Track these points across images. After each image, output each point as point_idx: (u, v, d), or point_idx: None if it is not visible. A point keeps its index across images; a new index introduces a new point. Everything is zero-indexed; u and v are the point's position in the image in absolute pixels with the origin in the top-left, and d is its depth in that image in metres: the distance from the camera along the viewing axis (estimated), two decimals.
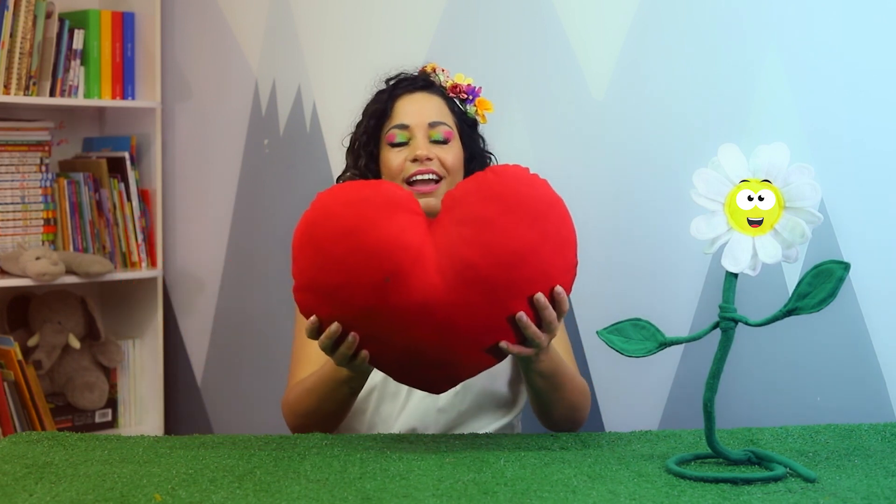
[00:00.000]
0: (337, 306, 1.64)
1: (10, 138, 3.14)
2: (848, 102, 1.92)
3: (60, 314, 3.18)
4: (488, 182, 1.67)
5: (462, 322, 1.62)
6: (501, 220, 1.62)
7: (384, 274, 1.60)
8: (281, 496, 1.42)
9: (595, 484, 1.47)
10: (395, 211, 1.64)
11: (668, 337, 1.59)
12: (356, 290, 1.61)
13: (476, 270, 1.60)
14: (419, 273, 1.61)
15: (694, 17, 2.13)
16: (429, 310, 1.61)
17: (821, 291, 1.51)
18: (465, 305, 1.61)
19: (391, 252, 1.61)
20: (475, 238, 1.61)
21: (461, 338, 1.64)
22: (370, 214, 1.63)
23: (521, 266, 1.62)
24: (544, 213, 1.66)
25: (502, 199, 1.64)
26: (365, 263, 1.60)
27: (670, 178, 2.15)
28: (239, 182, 3.12)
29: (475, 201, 1.65)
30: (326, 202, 1.68)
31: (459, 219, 1.64)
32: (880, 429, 1.76)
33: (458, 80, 2.09)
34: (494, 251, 1.61)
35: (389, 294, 1.60)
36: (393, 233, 1.62)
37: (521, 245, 1.62)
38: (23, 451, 1.66)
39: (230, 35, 3.14)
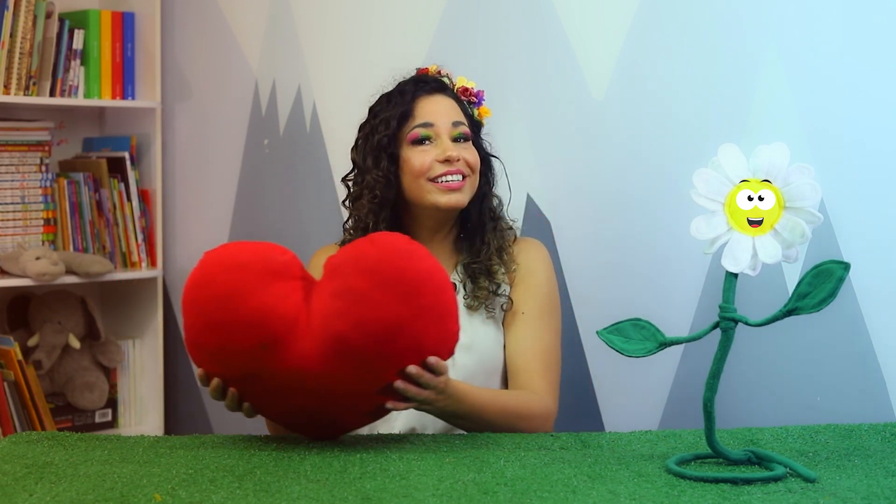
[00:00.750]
0: (219, 365, 1.69)
1: (10, 138, 3.14)
2: (848, 102, 1.92)
3: (60, 314, 3.18)
4: (365, 253, 1.68)
5: (336, 390, 1.66)
6: (374, 295, 1.63)
7: (260, 341, 1.63)
8: (281, 496, 1.42)
9: (595, 484, 1.47)
10: (273, 278, 1.66)
11: (668, 337, 1.59)
12: (234, 355, 1.66)
13: (348, 344, 1.62)
14: (294, 342, 1.63)
15: (694, 17, 2.13)
16: (303, 378, 1.64)
17: (821, 291, 1.51)
18: (338, 375, 1.64)
19: (266, 321, 1.63)
20: (348, 312, 1.63)
21: (337, 404, 1.69)
22: (248, 282, 1.65)
23: (392, 340, 1.64)
24: (419, 287, 1.65)
25: (376, 272, 1.64)
26: (241, 331, 1.63)
27: (670, 178, 2.15)
28: (239, 182, 3.12)
29: (350, 272, 1.66)
30: (208, 266, 1.70)
31: (335, 290, 1.65)
32: (880, 429, 1.76)
33: (463, 83, 2.11)
34: (366, 326, 1.62)
35: (266, 360, 1.64)
36: (269, 301, 1.64)
37: (393, 320, 1.63)
38: (23, 451, 1.66)
39: (230, 35, 3.14)
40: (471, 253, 2.06)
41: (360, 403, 1.71)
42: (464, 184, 2.02)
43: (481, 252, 2.05)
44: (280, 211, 3.00)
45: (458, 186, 2.01)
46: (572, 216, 2.34)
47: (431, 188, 2.01)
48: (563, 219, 2.35)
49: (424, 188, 2.01)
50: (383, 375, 1.67)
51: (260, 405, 1.72)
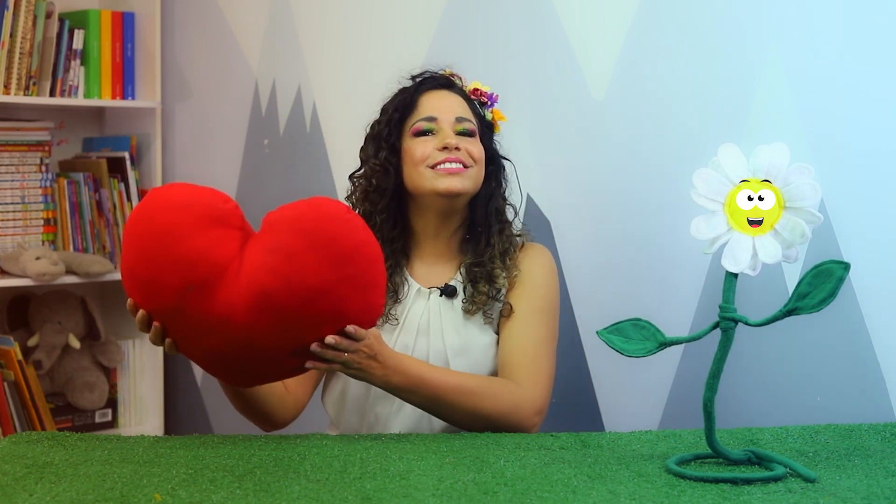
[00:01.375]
0: (146, 298, 1.71)
1: (10, 138, 3.14)
2: (848, 102, 1.92)
3: (60, 314, 3.18)
4: (302, 215, 1.70)
5: (256, 342, 1.68)
6: (305, 256, 1.65)
7: (188, 283, 1.65)
8: (281, 496, 1.42)
9: (595, 484, 1.47)
10: (211, 224, 1.67)
11: (668, 337, 1.59)
12: (162, 290, 1.68)
13: (272, 299, 1.64)
14: (221, 289, 1.65)
15: (694, 17, 2.13)
16: (226, 325, 1.66)
17: (821, 291, 1.51)
18: (260, 328, 1.66)
19: (197, 264, 1.65)
20: (277, 268, 1.65)
21: (256, 354, 1.71)
22: (187, 221, 1.67)
23: (316, 302, 1.66)
24: (349, 255, 1.68)
25: (311, 235, 1.67)
26: (171, 268, 1.66)
27: (670, 178, 2.15)
28: (239, 182, 3.12)
29: (285, 231, 1.68)
30: (151, 201, 1.72)
31: (269, 246, 1.67)
32: (880, 429, 1.76)
33: (477, 86, 2.12)
34: (292, 285, 1.64)
35: (191, 302, 1.66)
36: (203, 246, 1.66)
37: (319, 282, 1.65)
38: (23, 451, 1.66)
39: (230, 35, 3.14)
40: (475, 254, 2.06)
41: (276, 359, 1.73)
42: (464, 171, 2.01)
43: (485, 253, 2.05)
44: None
45: (456, 171, 2.00)
46: (572, 216, 2.34)
47: (430, 174, 2.00)
48: (563, 219, 2.35)
49: (424, 175, 2.01)
50: (302, 336, 1.70)
51: (181, 344, 1.74)
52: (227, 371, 1.79)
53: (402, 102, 2.07)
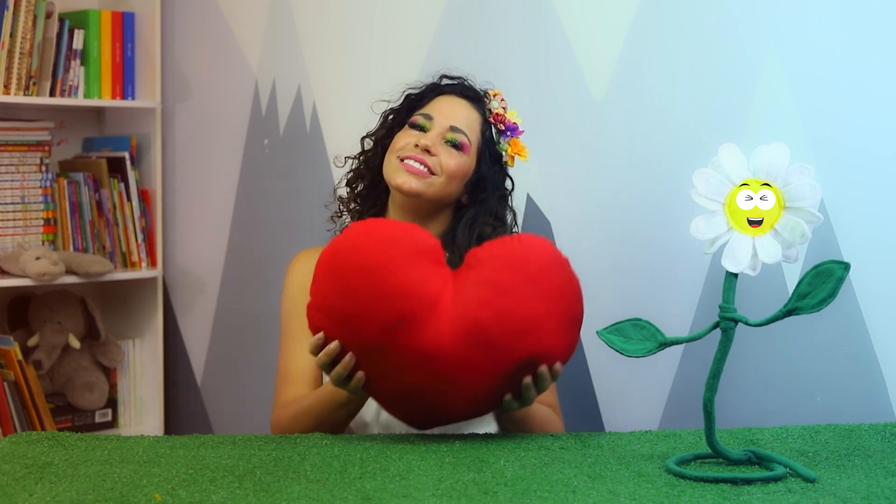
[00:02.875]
0: (345, 333, 1.70)
1: (10, 138, 3.14)
2: (848, 103, 1.92)
3: (60, 314, 3.18)
4: (513, 250, 1.73)
5: (460, 375, 1.68)
6: (519, 290, 1.68)
7: (398, 316, 1.65)
8: (281, 496, 1.42)
9: (595, 484, 1.47)
10: (420, 258, 1.69)
11: (668, 337, 1.59)
12: (367, 325, 1.67)
13: (485, 332, 1.66)
14: (431, 322, 1.66)
15: (694, 17, 2.13)
16: (432, 358, 1.66)
17: (821, 291, 1.51)
18: (467, 361, 1.67)
19: (409, 296, 1.66)
20: (491, 301, 1.67)
21: (456, 389, 1.71)
22: (397, 256, 1.68)
23: (528, 335, 1.68)
24: (560, 291, 1.72)
25: (524, 269, 1.70)
26: (382, 302, 1.66)
27: (670, 178, 2.14)
28: (239, 182, 3.12)
29: (498, 266, 1.71)
30: (358, 234, 1.73)
31: (479, 280, 1.69)
32: (880, 429, 1.76)
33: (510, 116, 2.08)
34: (507, 317, 1.67)
35: (398, 336, 1.66)
36: (415, 279, 1.67)
37: (533, 316, 1.68)
38: (23, 451, 1.66)
39: (230, 35, 3.14)
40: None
41: (475, 392, 1.73)
42: (426, 176, 1.98)
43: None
44: (280, 211, 3.00)
45: (416, 171, 1.98)
46: (572, 216, 2.34)
47: (395, 165, 2.00)
48: (563, 219, 2.35)
49: (391, 164, 2.01)
50: (508, 368, 1.70)
51: (373, 380, 1.72)
52: (414, 409, 1.77)
53: (420, 94, 2.07)
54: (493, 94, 2.10)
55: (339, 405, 1.86)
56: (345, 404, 1.85)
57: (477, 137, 2.05)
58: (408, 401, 1.75)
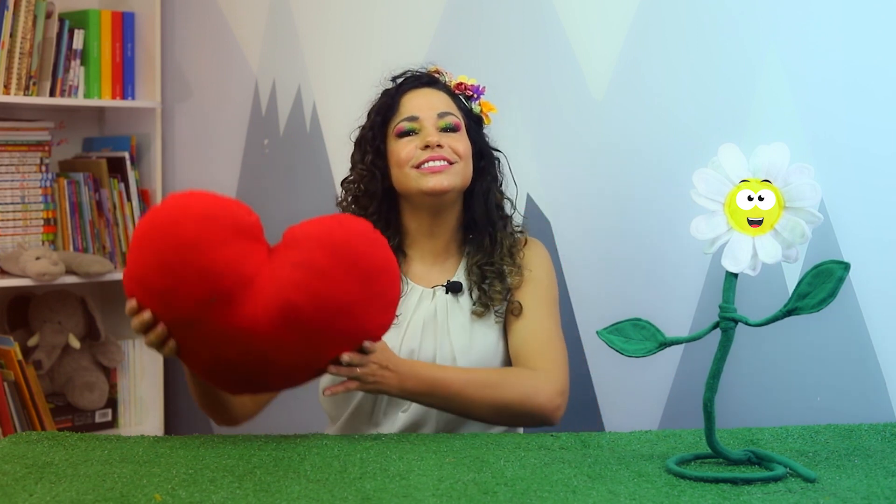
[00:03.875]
0: (160, 306, 1.67)
1: (10, 138, 3.14)
2: (848, 103, 1.92)
3: (60, 314, 3.18)
4: (332, 232, 1.70)
5: (275, 356, 1.68)
6: (334, 273, 1.66)
7: (212, 294, 1.63)
8: (281, 496, 1.42)
9: (595, 484, 1.47)
10: (237, 236, 1.66)
11: (668, 337, 1.59)
12: (181, 301, 1.65)
13: (299, 314, 1.64)
14: (245, 302, 1.64)
15: (694, 17, 2.13)
16: (246, 337, 1.65)
17: (821, 291, 1.51)
18: (281, 343, 1.66)
19: (224, 275, 1.64)
20: (306, 284, 1.65)
21: (270, 367, 1.70)
22: (213, 233, 1.65)
23: (341, 318, 1.68)
24: (376, 275, 1.70)
25: (340, 252, 1.67)
26: (196, 279, 1.63)
27: (670, 178, 2.15)
28: (239, 182, 3.12)
29: (315, 248, 1.68)
30: (174, 209, 1.69)
31: (296, 261, 1.67)
32: (880, 429, 1.76)
33: (462, 80, 2.10)
34: (321, 300, 1.65)
35: (211, 313, 1.64)
36: (230, 257, 1.64)
37: (347, 300, 1.67)
38: (23, 451, 1.66)
39: (230, 35, 3.14)
40: (482, 253, 2.05)
41: (293, 373, 1.74)
42: (448, 168, 1.99)
43: (494, 253, 2.04)
44: (280, 211, 3.00)
45: (440, 169, 1.98)
46: (572, 216, 2.34)
47: (416, 175, 1.99)
48: (563, 219, 2.35)
49: (409, 176, 2.00)
50: (321, 351, 1.71)
51: (188, 352, 1.72)
52: (231, 380, 1.77)
53: (385, 105, 2.06)
54: (434, 71, 2.11)
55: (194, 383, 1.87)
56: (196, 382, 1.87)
57: (459, 113, 2.06)
58: (223, 372, 1.74)
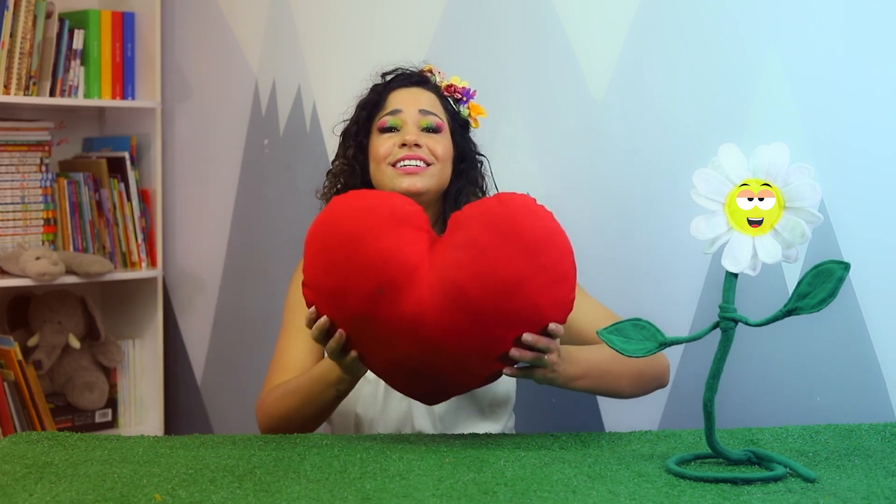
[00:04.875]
0: (333, 307, 1.68)
1: (10, 138, 3.14)
2: (848, 103, 1.92)
3: (60, 314, 3.18)
4: (490, 209, 1.69)
5: (448, 343, 1.65)
6: (495, 249, 1.64)
7: (378, 284, 1.63)
8: (281, 496, 1.42)
9: (595, 484, 1.47)
10: (398, 225, 1.67)
11: (668, 337, 1.59)
12: (351, 296, 1.65)
13: (465, 295, 1.63)
14: (412, 289, 1.64)
15: (694, 18, 2.13)
16: (417, 326, 1.64)
17: (821, 291, 1.51)
18: (453, 327, 1.64)
19: (387, 264, 1.64)
20: (469, 264, 1.64)
21: (446, 357, 1.67)
22: (374, 224, 1.66)
23: (510, 296, 1.63)
24: (542, 246, 1.66)
25: (500, 227, 1.65)
26: (361, 271, 1.64)
27: (670, 178, 2.15)
28: (239, 182, 3.12)
29: (475, 227, 1.67)
30: (335, 208, 1.71)
31: (458, 242, 1.66)
32: (880, 429, 1.76)
33: (454, 82, 2.10)
34: (484, 279, 1.63)
35: (380, 305, 1.64)
36: (392, 246, 1.65)
37: (511, 275, 1.63)
38: (23, 451, 1.66)
39: (230, 35, 3.14)
40: None
41: (472, 363, 1.69)
42: (424, 170, 1.98)
43: None
44: (280, 211, 3.00)
45: (415, 171, 1.97)
46: (572, 216, 2.33)
47: (392, 173, 1.98)
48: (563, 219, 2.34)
49: (385, 173, 1.99)
50: (497, 332, 1.65)
51: (367, 354, 1.70)
52: (415, 380, 1.73)
53: (371, 100, 2.06)
54: (427, 70, 2.11)
55: (330, 384, 1.83)
56: (335, 383, 1.82)
57: (444, 115, 2.05)
58: (401, 372, 1.72)
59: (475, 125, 2.11)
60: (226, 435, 1.81)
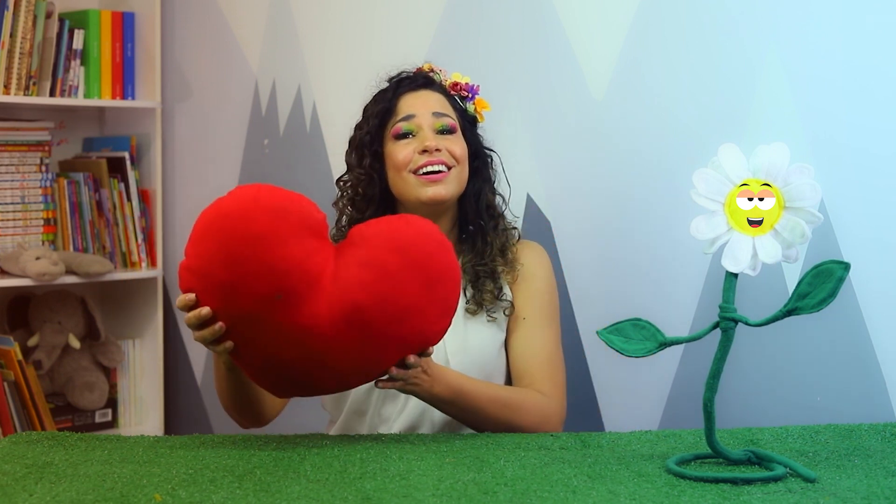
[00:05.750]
0: (220, 299, 1.63)
1: (10, 138, 3.14)
2: (848, 102, 1.92)
3: (60, 314, 3.18)
4: (399, 231, 1.69)
5: (334, 356, 1.66)
6: (402, 274, 1.65)
7: (278, 290, 1.61)
8: (281, 496, 1.42)
9: (595, 484, 1.47)
10: (306, 233, 1.64)
11: (668, 337, 1.59)
12: (245, 295, 1.62)
13: (363, 316, 1.63)
14: (310, 301, 1.62)
15: (694, 18, 2.13)
16: (306, 337, 1.63)
17: (821, 291, 1.51)
18: (342, 343, 1.64)
19: (291, 272, 1.61)
20: (371, 285, 1.64)
21: (328, 368, 1.68)
22: (283, 228, 1.62)
23: (404, 322, 1.66)
24: (440, 278, 1.69)
25: (408, 253, 1.66)
26: (263, 274, 1.61)
27: (670, 178, 2.15)
28: (239, 182, 3.12)
29: (382, 247, 1.66)
30: (244, 201, 1.64)
31: (362, 260, 1.65)
32: (880, 429, 1.76)
33: (457, 79, 2.10)
34: (385, 303, 1.64)
35: (274, 310, 1.62)
36: (299, 254, 1.62)
37: (411, 303, 1.65)
38: (23, 451, 1.66)
39: (230, 35, 3.14)
40: (474, 253, 2.05)
41: (350, 376, 1.72)
42: (447, 175, 1.99)
43: (485, 253, 2.04)
44: None
45: (439, 178, 1.98)
46: (572, 216, 2.34)
47: (414, 181, 1.99)
48: (563, 219, 2.35)
49: (408, 182, 2.00)
50: (381, 354, 1.69)
51: (243, 350, 1.67)
52: (281, 382, 1.73)
53: (381, 108, 2.05)
54: (426, 69, 2.11)
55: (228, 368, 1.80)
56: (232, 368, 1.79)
57: (454, 114, 2.06)
58: (274, 372, 1.70)
59: (481, 119, 2.12)
60: (226, 435, 1.81)
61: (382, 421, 2.00)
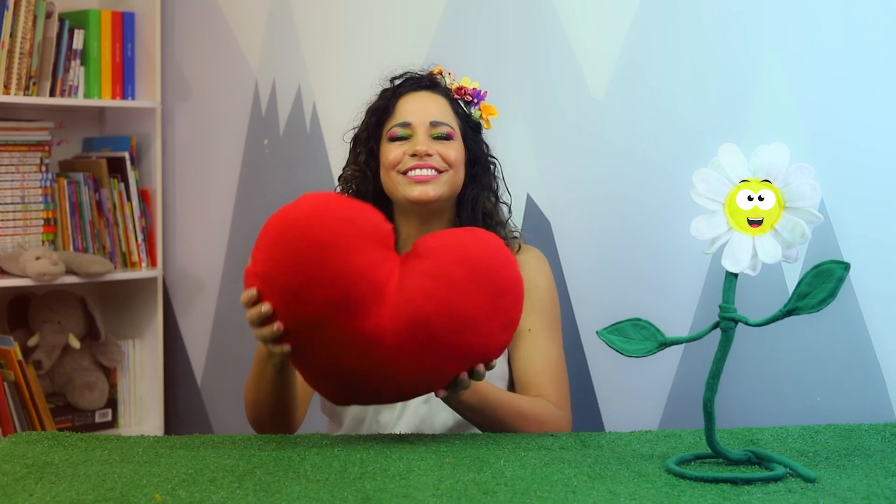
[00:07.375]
0: (286, 305, 1.64)
1: (10, 138, 3.14)
2: (848, 102, 1.92)
3: (60, 314, 3.18)
4: (466, 244, 1.70)
5: (396, 365, 1.66)
6: (468, 286, 1.65)
7: (344, 298, 1.62)
8: (281, 496, 1.42)
9: (595, 484, 1.47)
10: (373, 241, 1.65)
11: (668, 337, 1.59)
12: (311, 301, 1.62)
13: (428, 325, 1.63)
14: (375, 309, 1.63)
15: (694, 17, 2.13)
16: (370, 345, 1.64)
17: (821, 291, 1.51)
18: (406, 352, 1.65)
19: (359, 281, 1.62)
20: (437, 295, 1.64)
21: (389, 378, 1.68)
22: (351, 237, 1.63)
23: (468, 334, 1.66)
24: (505, 292, 1.69)
25: (474, 265, 1.67)
26: (330, 281, 1.61)
27: (670, 178, 2.15)
28: (239, 182, 3.12)
29: (450, 259, 1.67)
30: (314, 207, 1.67)
31: (428, 270, 1.66)
32: (880, 429, 1.76)
33: (465, 84, 2.08)
34: (451, 313, 1.64)
35: (340, 317, 1.62)
36: (366, 262, 1.63)
37: (476, 314, 1.65)
38: (23, 451, 1.66)
39: (230, 35, 3.14)
40: None
41: (410, 386, 1.71)
42: (436, 177, 1.98)
43: None
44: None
45: (426, 179, 1.97)
46: (572, 216, 2.34)
47: (402, 181, 1.98)
48: (563, 219, 2.35)
49: (396, 181, 1.99)
50: (444, 362, 1.68)
51: (305, 356, 1.68)
52: (341, 389, 1.73)
53: (381, 107, 2.05)
54: (437, 72, 2.09)
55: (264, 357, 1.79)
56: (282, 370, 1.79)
57: (455, 121, 2.04)
58: (335, 380, 1.71)
59: (487, 126, 2.10)
60: (226, 435, 1.81)
61: (381, 428, 2.00)
